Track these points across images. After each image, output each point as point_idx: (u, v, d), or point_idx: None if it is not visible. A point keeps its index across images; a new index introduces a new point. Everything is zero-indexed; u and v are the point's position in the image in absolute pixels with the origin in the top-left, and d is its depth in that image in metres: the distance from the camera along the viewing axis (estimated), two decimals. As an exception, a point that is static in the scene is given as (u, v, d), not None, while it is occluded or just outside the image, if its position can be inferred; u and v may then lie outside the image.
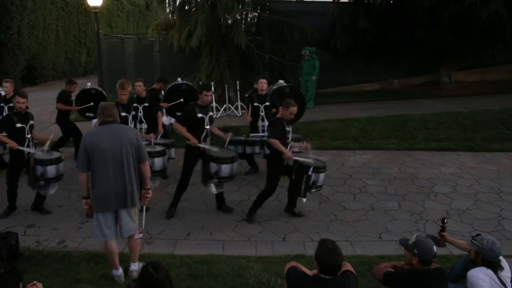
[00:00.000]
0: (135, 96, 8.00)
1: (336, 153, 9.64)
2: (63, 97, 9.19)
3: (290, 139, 6.25)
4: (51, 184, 6.30)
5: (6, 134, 6.35)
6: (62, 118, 9.20)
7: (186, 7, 14.88)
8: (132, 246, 4.82)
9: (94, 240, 5.27)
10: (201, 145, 6.25)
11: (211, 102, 9.33)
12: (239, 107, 13.29)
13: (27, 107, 6.54)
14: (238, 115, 13.05)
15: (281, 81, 9.34)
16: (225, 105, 13.39)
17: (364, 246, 5.66)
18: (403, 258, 4.00)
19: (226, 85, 13.58)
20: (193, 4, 14.76)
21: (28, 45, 20.04)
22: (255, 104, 7.98)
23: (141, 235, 4.80)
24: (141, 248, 5.13)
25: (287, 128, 6.19)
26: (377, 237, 5.92)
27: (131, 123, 6.91)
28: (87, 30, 25.71)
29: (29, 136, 6.40)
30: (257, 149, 7.67)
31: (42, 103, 14.86)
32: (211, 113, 6.45)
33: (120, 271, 4.78)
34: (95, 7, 13.49)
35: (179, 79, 10.02)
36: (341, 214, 6.60)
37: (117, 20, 29.03)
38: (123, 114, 6.64)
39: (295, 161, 6.12)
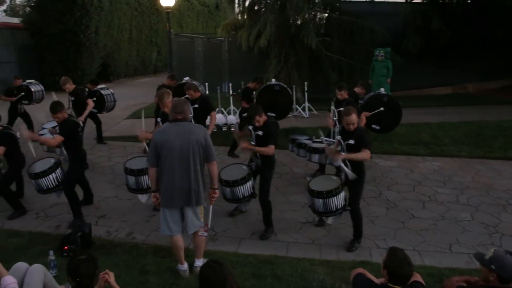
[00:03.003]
0: (188, 97, 8.09)
1: (404, 158, 9.33)
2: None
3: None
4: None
5: None
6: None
7: (256, 7, 15.03)
8: (196, 242, 4.89)
9: (160, 233, 5.39)
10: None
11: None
12: (306, 108, 13.23)
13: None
14: (305, 116, 12.99)
15: (382, 89, 9.20)
16: (292, 106, 13.36)
17: (433, 256, 5.41)
18: (476, 273, 3.80)
19: (294, 86, 13.56)
20: (263, 4, 14.87)
21: (104, 43, 21.04)
22: (331, 107, 7.95)
23: (205, 234, 4.83)
24: (206, 245, 5.20)
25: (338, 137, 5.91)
26: (447, 248, 5.64)
27: None
28: (158, 30, 26.59)
29: None
30: (315, 157, 7.44)
31: (114, 99, 15.40)
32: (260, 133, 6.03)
33: (185, 266, 4.87)
34: (167, 7, 13.92)
35: (273, 80, 10.15)
36: (409, 222, 6.37)
37: (187, 20, 29.80)
38: None
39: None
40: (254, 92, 9.47)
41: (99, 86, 10.08)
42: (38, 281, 3.84)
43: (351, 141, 5.45)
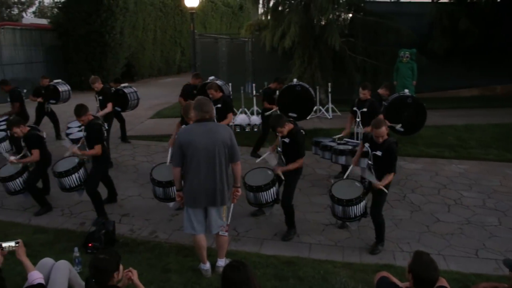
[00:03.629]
0: (210, 97, 8.09)
1: (430, 161, 9.18)
2: (186, 91, 9.37)
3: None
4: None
5: None
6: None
7: (280, 8, 14.99)
8: (219, 242, 4.89)
9: (183, 233, 5.41)
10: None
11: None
12: (330, 109, 13.16)
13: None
14: (329, 117, 12.91)
15: (406, 91, 9.10)
16: (315, 107, 13.29)
17: (458, 261, 5.30)
18: (504, 279, 3.70)
19: (317, 87, 13.49)
20: (287, 5, 14.82)
21: (129, 44, 21.31)
22: (354, 108, 7.81)
23: (226, 233, 4.84)
24: (229, 245, 5.19)
25: (366, 144, 5.71)
26: (474, 253, 5.51)
27: None
28: (182, 30, 26.79)
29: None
30: (341, 159, 7.37)
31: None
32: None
33: (208, 265, 4.88)
34: (191, 8, 13.99)
35: (294, 80, 10.13)
36: (434, 226, 6.25)
37: (211, 20, 29.98)
38: None
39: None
40: (277, 92, 9.45)
41: (122, 85, 10.20)
42: (63, 277, 3.91)
43: (379, 153, 5.39)
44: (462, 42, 14.76)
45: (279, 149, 5.93)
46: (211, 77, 10.16)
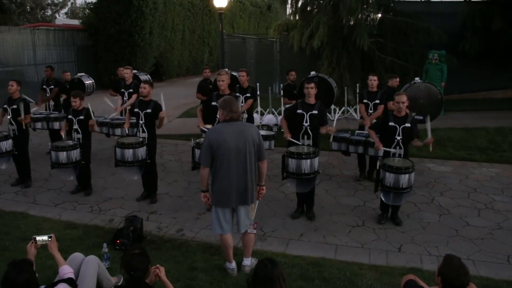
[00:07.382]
0: (237, 86, 8.15)
1: (459, 164, 9.00)
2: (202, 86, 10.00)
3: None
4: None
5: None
6: None
7: (308, 8, 14.92)
8: (246, 241, 4.90)
9: (210, 231, 5.45)
10: (293, 140, 6.31)
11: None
12: (358, 110, 13.03)
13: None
14: (357, 118, 12.78)
15: (417, 79, 8.93)
16: (343, 108, 13.20)
17: (488, 267, 5.16)
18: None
19: (345, 88, 13.38)
20: (315, 5, 14.75)
21: (157, 44, 21.56)
22: (364, 100, 7.95)
23: (255, 231, 4.85)
24: (254, 244, 5.20)
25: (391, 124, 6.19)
26: (505, 259, 5.36)
27: None
28: (210, 30, 26.97)
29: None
30: (360, 148, 7.56)
31: (166, 98, 15.67)
32: (315, 112, 6.24)
33: (234, 264, 4.89)
34: (220, 8, 14.07)
35: (312, 72, 10.10)
36: (463, 230, 6.12)
37: (239, 20, 30.10)
38: None
39: None
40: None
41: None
42: (92, 272, 3.99)
43: (407, 125, 6.12)
44: (495, 42, 14.41)
45: (305, 124, 6.24)
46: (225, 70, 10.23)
